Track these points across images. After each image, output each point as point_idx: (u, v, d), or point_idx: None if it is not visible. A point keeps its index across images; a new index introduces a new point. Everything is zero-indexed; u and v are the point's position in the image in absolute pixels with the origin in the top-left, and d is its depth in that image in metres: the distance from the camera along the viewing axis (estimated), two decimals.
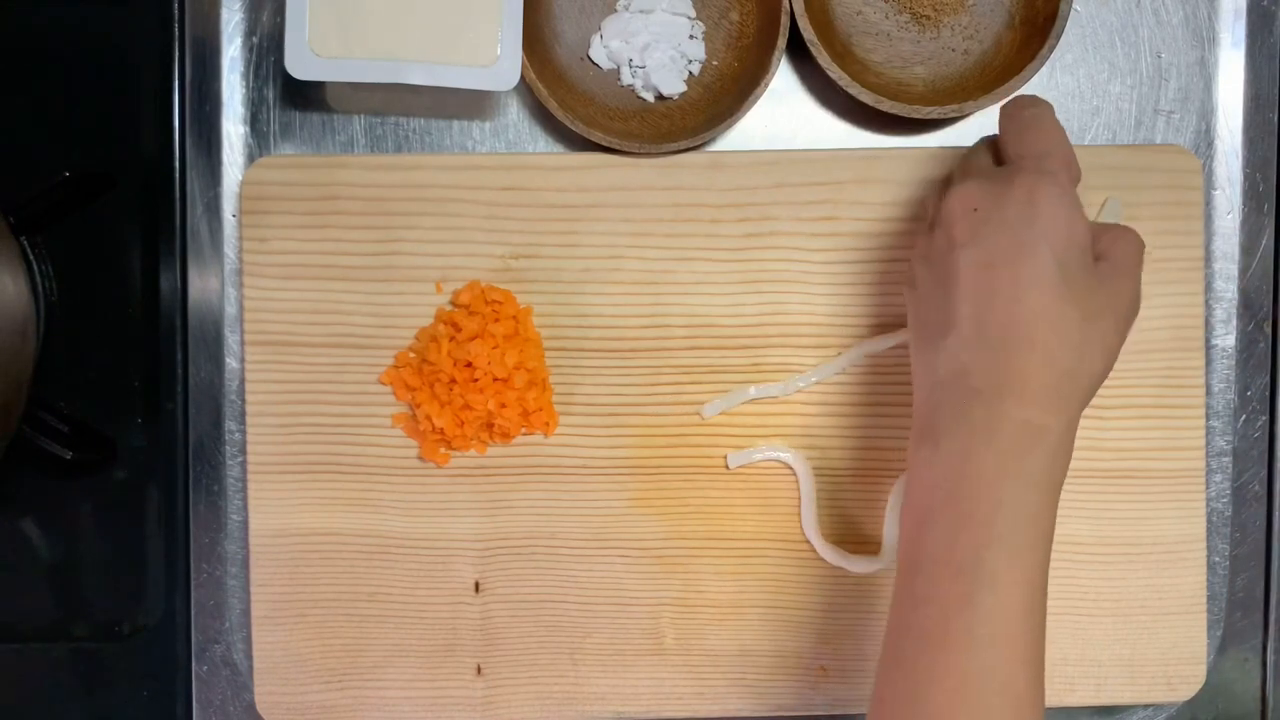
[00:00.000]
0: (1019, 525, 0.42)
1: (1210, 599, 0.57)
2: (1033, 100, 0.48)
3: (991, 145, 0.49)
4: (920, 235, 0.48)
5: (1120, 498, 0.57)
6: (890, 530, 0.56)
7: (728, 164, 0.56)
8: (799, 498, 0.56)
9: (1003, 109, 0.49)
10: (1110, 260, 0.45)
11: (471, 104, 0.57)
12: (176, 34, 0.56)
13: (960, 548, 0.41)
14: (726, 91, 0.56)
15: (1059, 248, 0.43)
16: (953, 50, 0.57)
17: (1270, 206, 0.58)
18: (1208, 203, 0.57)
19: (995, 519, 0.41)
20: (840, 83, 0.53)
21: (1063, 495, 0.56)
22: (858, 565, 0.56)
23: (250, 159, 0.57)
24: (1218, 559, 0.57)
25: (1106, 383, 0.56)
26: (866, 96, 0.53)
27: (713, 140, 0.56)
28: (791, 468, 0.56)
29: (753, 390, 0.56)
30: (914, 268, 0.48)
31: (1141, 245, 0.46)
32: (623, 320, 0.56)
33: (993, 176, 0.45)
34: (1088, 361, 0.43)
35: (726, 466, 0.56)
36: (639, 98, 0.56)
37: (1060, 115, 0.57)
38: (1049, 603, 0.57)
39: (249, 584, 0.56)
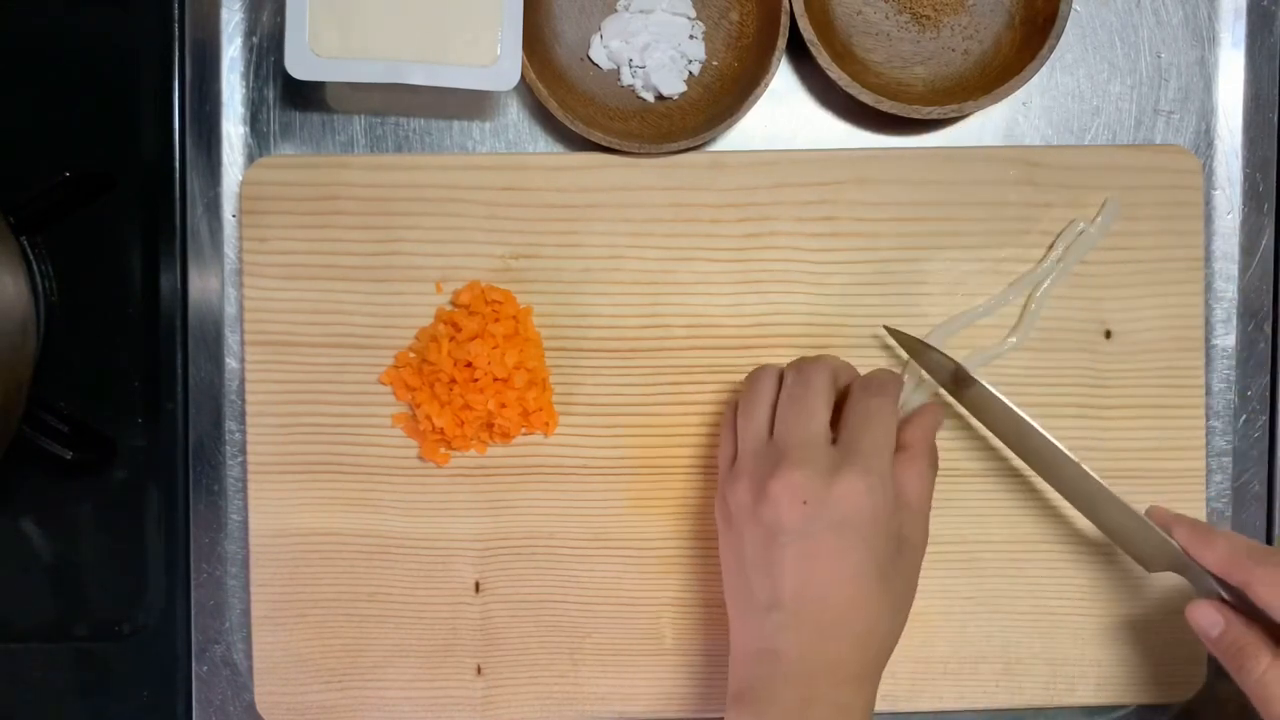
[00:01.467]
0: None
1: None
2: (880, 385, 0.50)
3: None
4: (725, 473, 0.50)
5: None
6: None
7: (728, 164, 0.56)
8: None
9: (860, 377, 0.51)
10: (904, 500, 0.48)
11: (471, 104, 0.57)
12: (176, 34, 0.56)
13: None
14: (726, 91, 0.56)
15: (878, 545, 0.47)
16: (953, 50, 0.57)
17: (1270, 206, 0.58)
18: (1208, 203, 0.57)
19: None
20: (840, 83, 0.53)
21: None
22: None
23: (250, 159, 0.57)
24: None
25: (1107, 383, 0.56)
26: (866, 96, 0.53)
27: (713, 140, 0.56)
28: None
29: None
30: (730, 515, 0.49)
31: (933, 474, 0.50)
32: (623, 320, 0.56)
33: (821, 470, 0.47)
34: (893, 635, 0.48)
35: None
36: (639, 98, 0.56)
37: (1060, 115, 0.57)
38: (1048, 602, 0.57)
39: (249, 584, 0.56)
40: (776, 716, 0.46)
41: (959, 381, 0.54)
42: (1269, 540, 0.58)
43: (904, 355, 0.56)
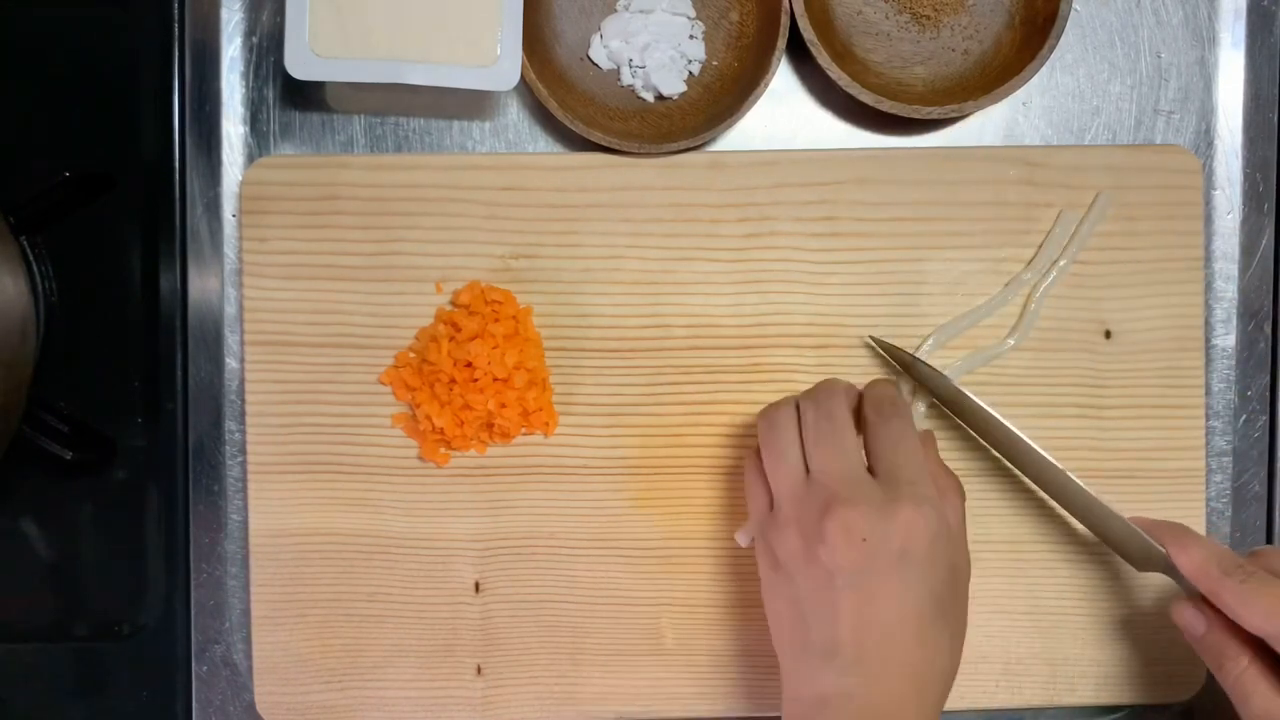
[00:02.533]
0: None
1: None
2: (893, 405, 0.49)
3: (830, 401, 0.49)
4: (765, 521, 0.49)
5: (1120, 498, 0.57)
6: None
7: (728, 164, 0.56)
8: None
9: (866, 398, 0.50)
10: (952, 538, 0.47)
11: (471, 104, 0.57)
12: (176, 34, 0.56)
13: None
14: (726, 91, 0.56)
15: (937, 577, 0.46)
16: (953, 50, 0.57)
17: (1270, 206, 0.58)
18: (1208, 203, 0.57)
19: None
20: (840, 83, 0.53)
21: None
22: None
23: (250, 159, 0.57)
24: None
25: (1107, 382, 0.56)
26: (866, 96, 0.53)
27: (713, 140, 0.56)
28: None
29: None
30: (778, 563, 0.48)
31: (963, 498, 0.49)
32: (623, 320, 0.56)
33: (874, 504, 0.46)
34: (951, 673, 0.47)
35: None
36: (639, 98, 0.56)
37: (1060, 115, 0.57)
38: (1048, 602, 0.57)
39: (249, 584, 0.56)
40: None
41: (944, 397, 0.54)
42: (1269, 539, 0.58)
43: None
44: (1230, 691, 0.46)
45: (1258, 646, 0.46)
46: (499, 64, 0.53)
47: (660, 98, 0.56)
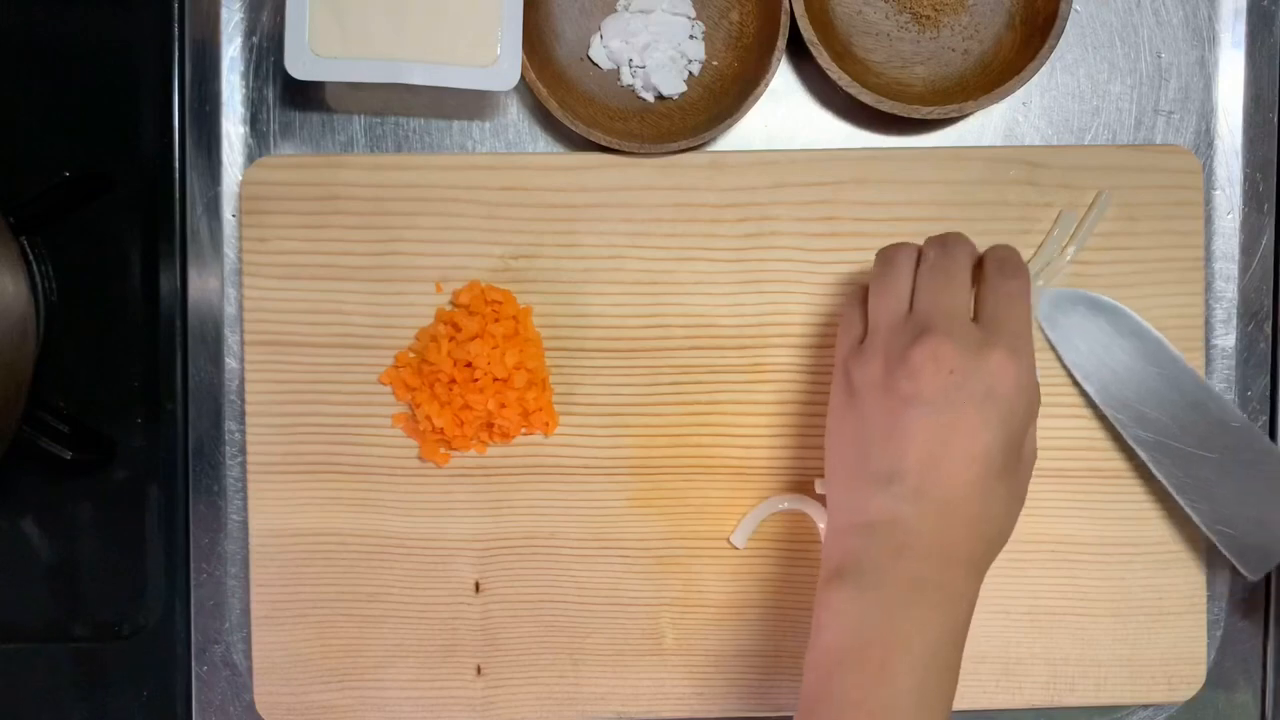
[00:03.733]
0: (938, 680, 0.43)
1: (1210, 599, 0.57)
2: (1016, 268, 0.48)
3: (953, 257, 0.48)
4: (851, 351, 0.48)
5: (1120, 498, 0.57)
6: None
7: (728, 164, 0.56)
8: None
9: (989, 255, 0.48)
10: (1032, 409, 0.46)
11: (471, 104, 0.57)
12: (176, 34, 0.56)
13: (878, 697, 0.42)
14: (726, 91, 0.56)
15: (1013, 431, 0.45)
16: (953, 50, 0.57)
17: (1270, 206, 0.58)
18: (1208, 203, 0.57)
19: (916, 673, 0.43)
20: (840, 83, 0.53)
21: (1063, 495, 0.57)
22: None
23: (250, 159, 0.57)
24: (1218, 558, 0.57)
25: None
26: (866, 96, 0.53)
27: (713, 140, 0.56)
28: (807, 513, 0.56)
29: (784, 503, 0.56)
30: (854, 388, 0.47)
31: (1038, 399, 0.47)
32: (623, 320, 0.56)
33: (969, 342, 0.45)
34: (1006, 532, 0.46)
35: (731, 544, 0.56)
36: (639, 98, 0.56)
37: (1060, 115, 0.57)
38: (1048, 602, 0.57)
39: (249, 584, 0.56)
40: (881, 595, 0.43)
41: None
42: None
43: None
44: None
45: None
46: (499, 64, 0.53)
47: (660, 98, 0.56)
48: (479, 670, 0.57)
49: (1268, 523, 0.48)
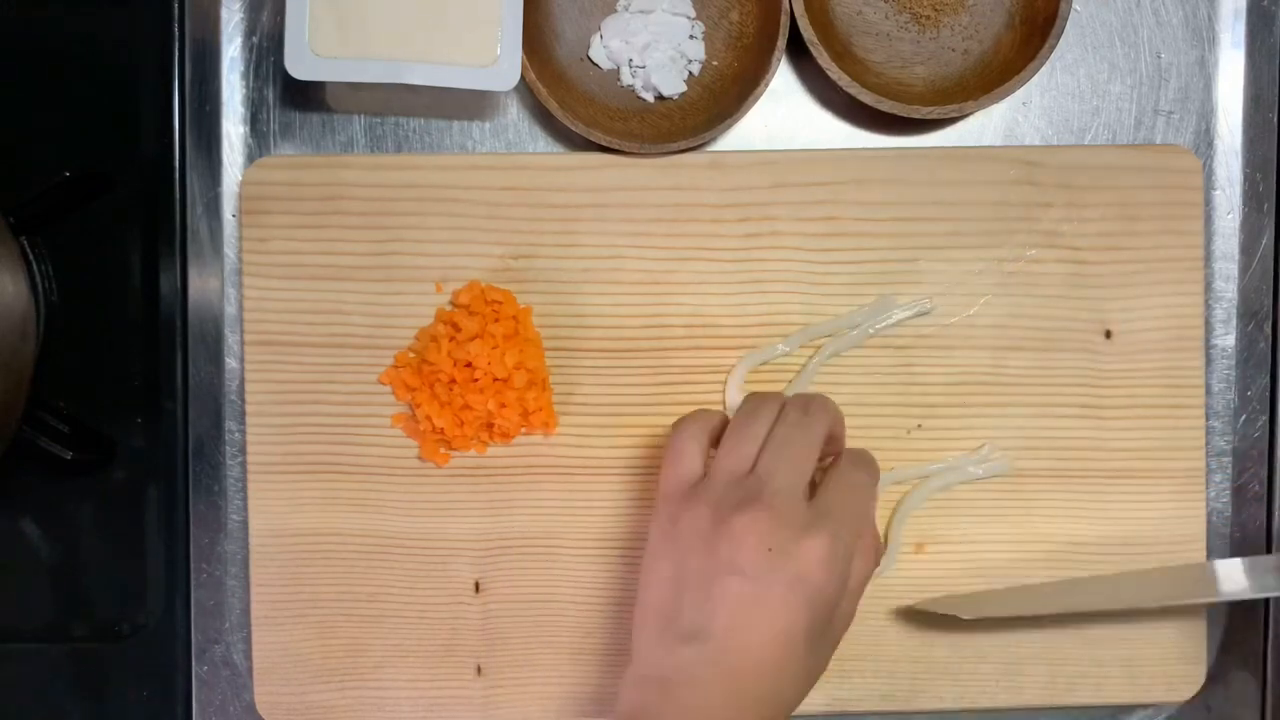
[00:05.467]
0: None
1: None
2: (869, 464, 0.49)
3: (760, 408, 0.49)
4: (681, 490, 0.47)
5: (1120, 498, 0.57)
6: (896, 530, 0.56)
7: (728, 164, 0.56)
8: None
9: (847, 451, 0.50)
10: (851, 581, 0.47)
11: (471, 104, 0.57)
12: (176, 34, 0.56)
13: None
14: (726, 91, 0.56)
15: (817, 614, 0.45)
16: (953, 50, 0.57)
17: (1270, 206, 0.58)
18: (1208, 203, 0.57)
19: None
20: (840, 83, 0.53)
21: (1062, 495, 0.57)
22: None
23: (250, 159, 0.57)
24: (1218, 558, 0.57)
25: (1106, 383, 0.56)
26: (866, 96, 0.53)
27: (713, 140, 0.56)
28: None
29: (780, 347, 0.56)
30: (676, 535, 0.47)
31: (877, 564, 0.48)
32: (623, 320, 0.56)
33: (794, 522, 0.45)
34: (796, 702, 0.46)
35: None
36: (639, 98, 0.56)
37: (1060, 115, 0.57)
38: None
39: (249, 584, 0.56)
40: None
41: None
42: (1269, 539, 0.58)
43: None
44: None
45: None
46: (499, 64, 0.53)
47: (660, 98, 0.56)
48: (479, 670, 0.57)
49: None
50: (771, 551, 0.45)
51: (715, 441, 0.49)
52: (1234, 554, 0.57)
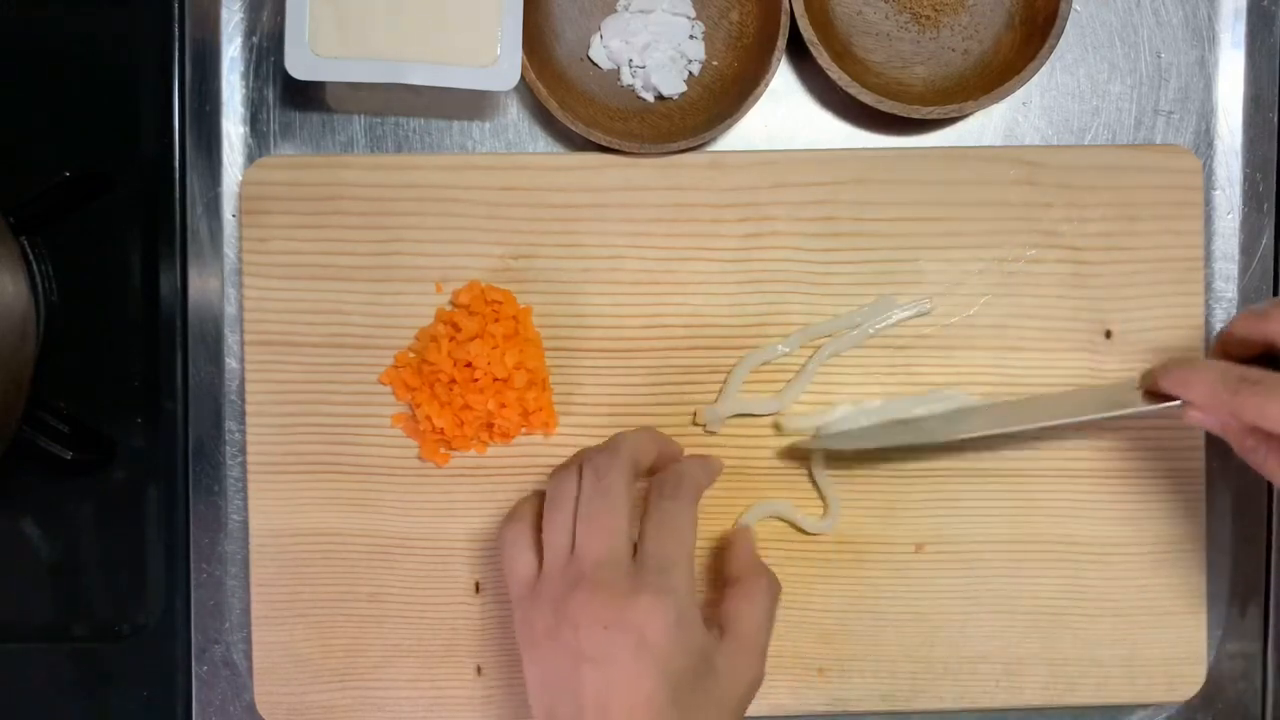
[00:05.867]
0: None
1: (1210, 599, 0.57)
2: (675, 486, 0.49)
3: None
4: (525, 592, 0.47)
5: (1120, 498, 0.57)
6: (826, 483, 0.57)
7: (728, 164, 0.56)
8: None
9: (655, 477, 0.50)
10: (733, 634, 0.47)
11: (471, 104, 0.57)
12: (176, 34, 0.56)
13: None
14: (726, 91, 0.56)
15: (673, 670, 0.44)
16: (953, 50, 0.57)
17: (1270, 206, 0.58)
18: (1208, 203, 0.57)
19: None
20: (840, 83, 0.53)
21: (1062, 495, 0.57)
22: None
23: (250, 159, 0.57)
24: (1218, 558, 0.57)
25: (1107, 382, 0.56)
26: (866, 96, 0.53)
27: (713, 140, 0.56)
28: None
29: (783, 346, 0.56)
30: (533, 638, 0.46)
31: (773, 600, 0.49)
32: (623, 320, 0.56)
33: (619, 590, 0.45)
34: None
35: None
36: (639, 98, 0.56)
37: (1060, 115, 0.57)
38: (1048, 602, 0.57)
39: (249, 584, 0.56)
40: None
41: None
42: (1269, 553, 0.58)
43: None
44: (1270, 474, 0.49)
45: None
46: (499, 64, 0.53)
47: (660, 98, 0.56)
48: (479, 670, 0.57)
49: None
50: (608, 629, 0.44)
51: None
52: (1233, 553, 0.57)
